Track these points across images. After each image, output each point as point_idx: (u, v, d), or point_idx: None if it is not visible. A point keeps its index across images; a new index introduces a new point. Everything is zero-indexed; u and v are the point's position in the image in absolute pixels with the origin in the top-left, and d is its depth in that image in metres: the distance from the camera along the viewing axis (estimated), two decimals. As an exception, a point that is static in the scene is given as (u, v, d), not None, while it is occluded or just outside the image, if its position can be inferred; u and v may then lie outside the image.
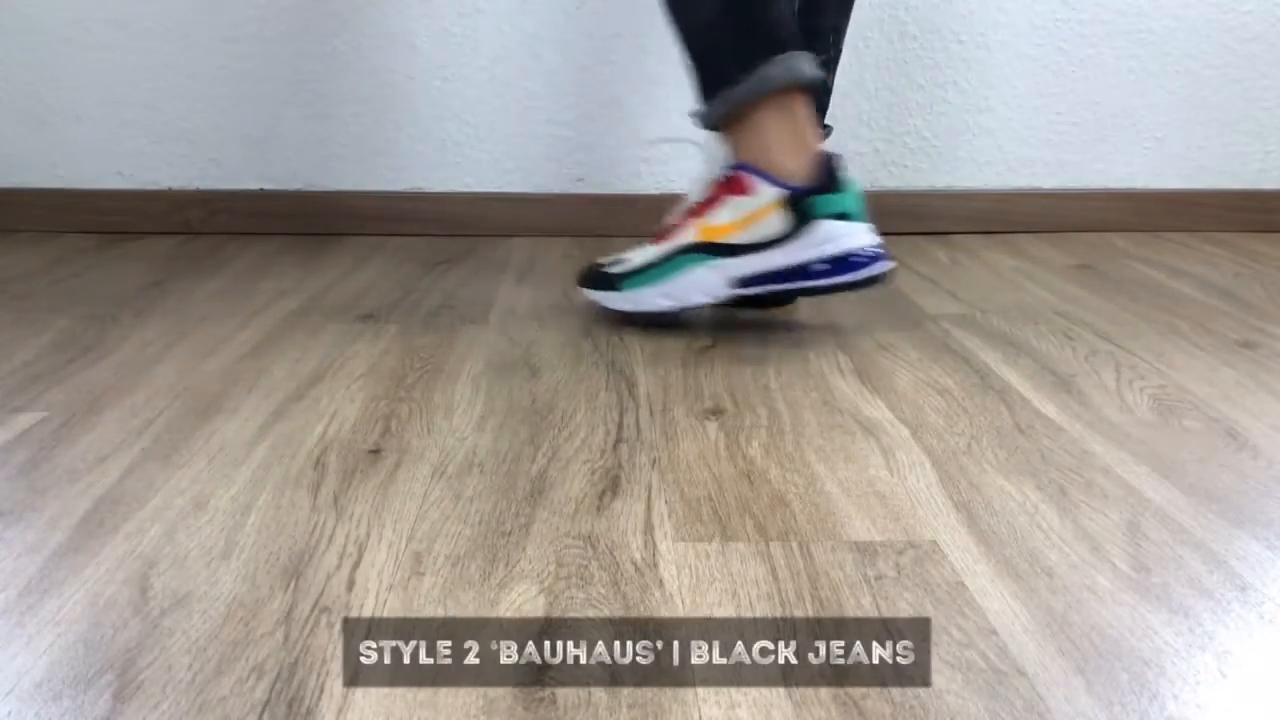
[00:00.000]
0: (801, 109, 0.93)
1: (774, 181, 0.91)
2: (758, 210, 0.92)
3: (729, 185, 0.94)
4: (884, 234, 1.42)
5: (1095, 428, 0.75)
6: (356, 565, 0.56)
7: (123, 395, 0.81)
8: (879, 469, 0.68)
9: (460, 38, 1.38)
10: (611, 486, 0.65)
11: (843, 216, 0.91)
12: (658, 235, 1.00)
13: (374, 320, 1.01)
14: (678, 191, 1.44)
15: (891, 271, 0.93)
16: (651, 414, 0.78)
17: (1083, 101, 1.44)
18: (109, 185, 1.42)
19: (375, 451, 0.71)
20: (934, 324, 1.01)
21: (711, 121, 0.96)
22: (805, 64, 0.92)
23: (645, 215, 1.41)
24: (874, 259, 0.91)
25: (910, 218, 1.44)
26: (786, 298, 1.03)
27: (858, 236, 0.91)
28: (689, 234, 0.96)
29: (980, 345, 0.94)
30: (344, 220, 1.42)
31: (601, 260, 1.03)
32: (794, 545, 0.58)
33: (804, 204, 0.91)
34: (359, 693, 0.46)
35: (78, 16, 1.36)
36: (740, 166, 0.94)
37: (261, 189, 1.42)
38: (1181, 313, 1.05)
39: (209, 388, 0.83)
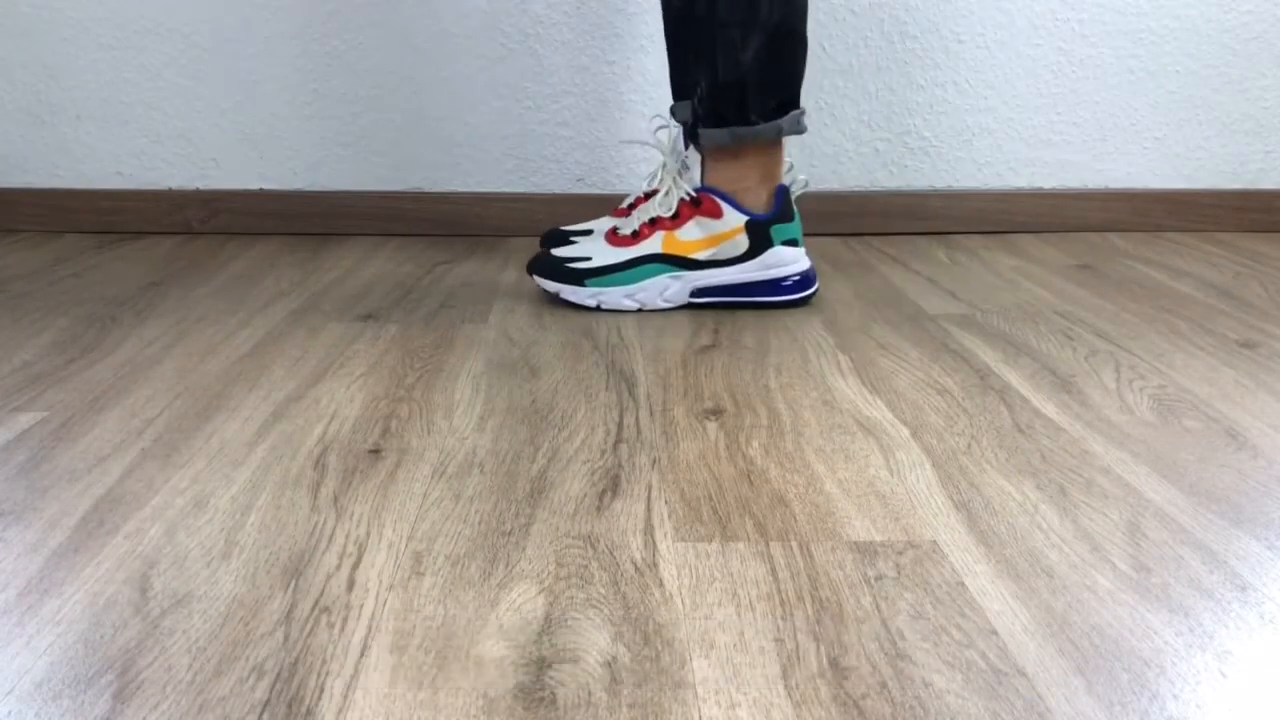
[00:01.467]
0: (782, 151, 1.07)
1: (739, 209, 1.04)
2: (725, 233, 1.04)
3: (699, 206, 1.04)
4: (884, 234, 1.43)
5: (1095, 428, 0.75)
6: (356, 565, 0.56)
7: (123, 395, 0.81)
8: (879, 469, 0.68)
9: (460, 38, 1.38)
10: (611, 486, 0.65)
11: (792, 243, 1.05)
12: (612, 238, 1.07)
13: (374, 320, 1.01)
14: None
15: (815, 293, 1.08)
16: (651, 414, 0.78)
17: (1083, 101, 1.44)
18: (109, 185, 1.42)
19: (375, 451, 0.71)
20: (934, 324, 1.01)
21: (710, 146, 1.05)
22: (804, 118, 1.06)
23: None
24: (810, 281, 1.07)
25: (910, 218, 1.44)
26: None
27: (802, 262, 1.06)
28: (656, 244, 1.05)
29: (980, 345, 0.94)
30: (344, 220, 1.42)
31: (559, 252, 1.07)
32: (794, 545, 0.58)
33: (763, 230, 1.04)
34: (359, 693, 0.46)
35: (78, 16, 1.36)
36: (711, 190, 1.04)
37: (261, 189, 1.43)
38: (1181, 313, 1.05)
39: (209, 388, 0.83)
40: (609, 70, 1.39)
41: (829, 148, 1.43)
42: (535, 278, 1.07)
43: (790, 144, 1.43)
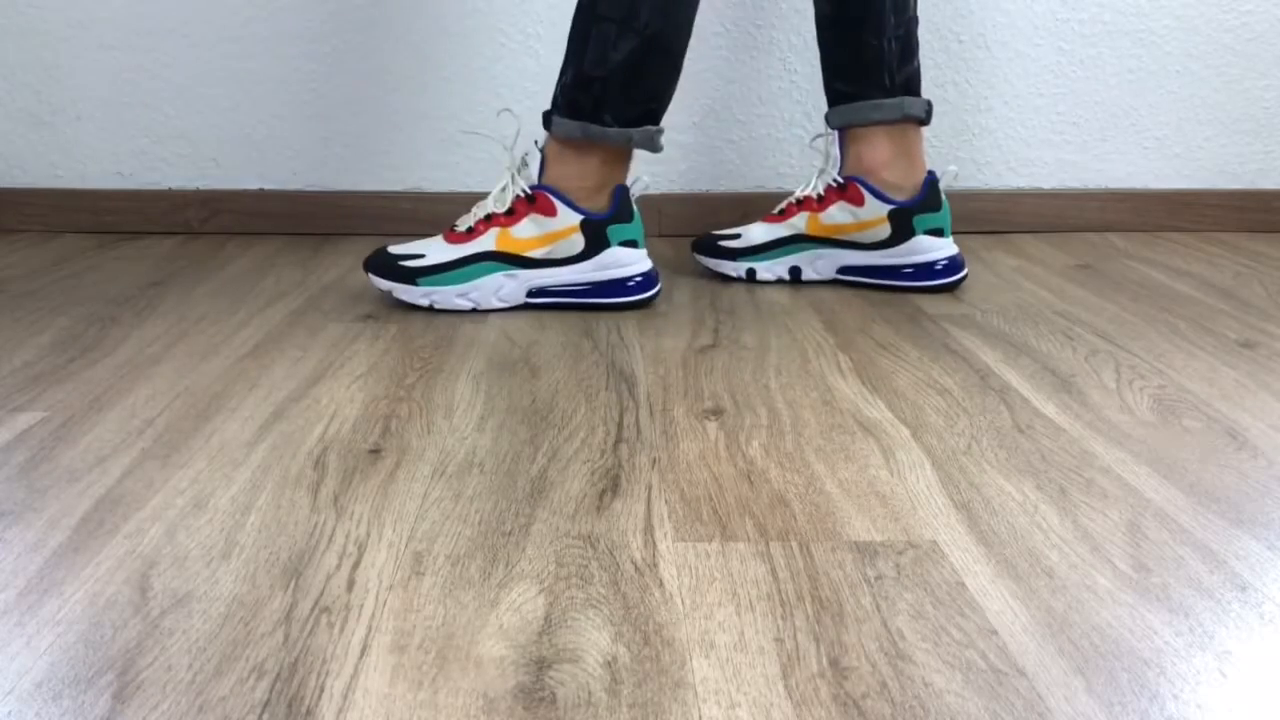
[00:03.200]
0: (627, 162, 1.06)
1: (575, 208, 1.02)
2: (559, 231, 1.02)
3: (534, 204, 1.02)
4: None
5: (1095, 428, 0.75)
6: (356, 565, 0.56)
7: (123, 395, 0.81)
8: (879, 469, 0.68)
9: (460, 38, 1.38)
10: (611, 486, 0.65)
11: (631, 244, 1.04)
12: (449, 235, 1.05)
13: (374, 320, 1.01)
14: (673, 191, 1.44)
15: (658, 294, 1.07)
16: (651, 414, 0.78)
17: (1083, 101, 1.44)
18: (109, 185, 1.42)
19: (375, 451, 0.71)
20: (934, 324, 1.01)
21: (558, 137, 1.03)
22: (660, 138, 1.05)
23: (645, 214, 1.41)
24: (650, 283, 1.06)
25: (910, 218, 1.44)
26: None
27: (641, 263, 1.05)
28: (489, 241, 1.03)
29: (980, 345, 0.94)
30: (344, 220, 1.42)
31: (395, 250, 1.05)
32: (794, 545, 0.58)
33: (600, 230, 1.03)
34: (359, 693, 0.46)
35: (78, 16, 1.36)
36: (545, 189, 1.02)
37: (261, 189, 1.43)
38: (1181, 313, 1.05)
39: (209, 388, 0.83)
40: (609, 70, 1.39)
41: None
42: (370, 276, 1.05)
43: (789, 143, 1.43)
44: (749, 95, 1.41)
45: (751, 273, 1.16)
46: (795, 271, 1.16)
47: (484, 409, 0.78)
